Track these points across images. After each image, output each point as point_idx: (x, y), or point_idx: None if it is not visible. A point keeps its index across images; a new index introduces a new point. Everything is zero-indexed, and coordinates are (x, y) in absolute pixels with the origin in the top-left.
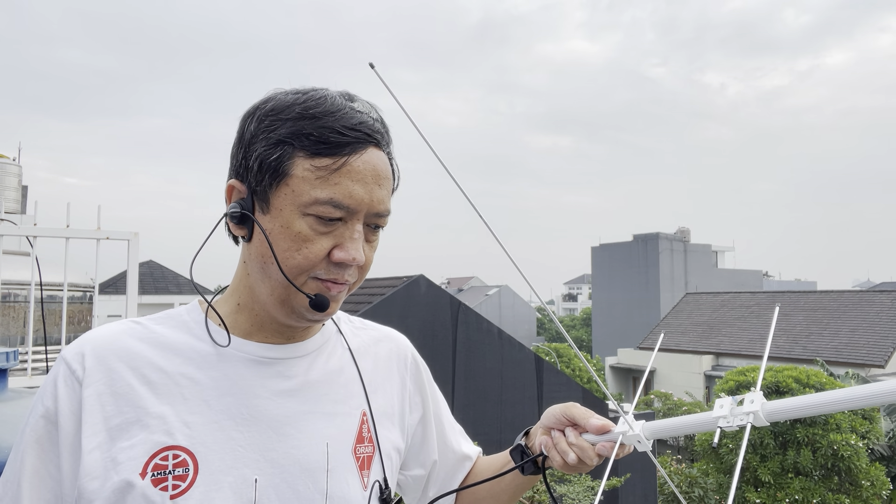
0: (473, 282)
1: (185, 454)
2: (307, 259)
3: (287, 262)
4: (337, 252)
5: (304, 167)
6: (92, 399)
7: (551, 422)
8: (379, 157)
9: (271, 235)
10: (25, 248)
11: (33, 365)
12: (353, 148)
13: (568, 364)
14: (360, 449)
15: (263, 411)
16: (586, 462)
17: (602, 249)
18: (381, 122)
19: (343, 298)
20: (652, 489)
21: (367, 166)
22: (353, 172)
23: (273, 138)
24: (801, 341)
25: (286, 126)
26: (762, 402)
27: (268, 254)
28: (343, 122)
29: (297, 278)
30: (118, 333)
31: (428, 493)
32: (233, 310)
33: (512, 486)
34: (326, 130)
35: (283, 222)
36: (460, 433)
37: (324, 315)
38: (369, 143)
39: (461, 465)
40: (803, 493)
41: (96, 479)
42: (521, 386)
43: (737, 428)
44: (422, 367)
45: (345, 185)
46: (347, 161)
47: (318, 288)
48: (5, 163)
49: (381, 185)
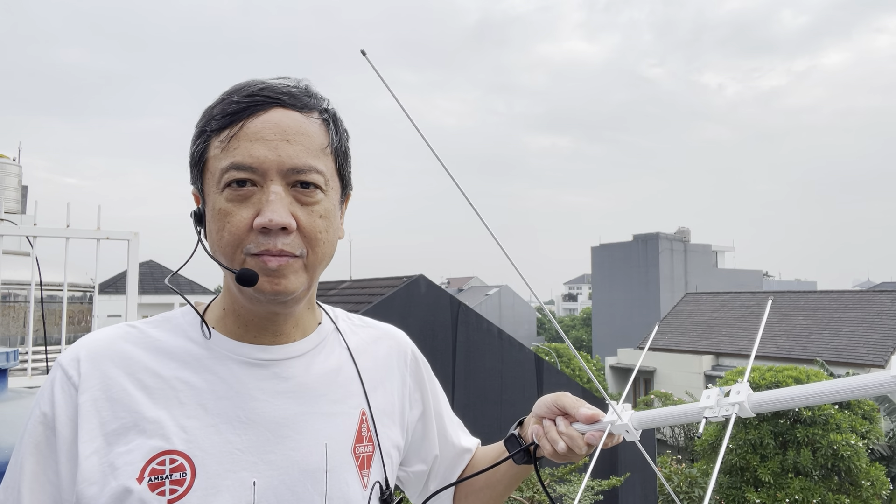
0: (473, 282)
1: (183, 458)
2: (231, 234)
3: (220, 244)
4: (257, 219)
5: (214, 146)
6: (88, 405)
7: (543, 411)
8: (285, 114)
9: (208, 224)
10: (25, 248)
11: (33, 365)
12: (250, 111)
13: (568, 364)
14: (360, 448)
15: (261, 413)
16: (575, 451)
17: (602, 249)
18: (298, 87)
19: (297, 273)
20: (652, 489)
21: (267, 124)
22: (250, 133)
23: (195, 133)
24: (801, 341)
25: (204, 118)
26: (748, 393)
27: (210, 243)
28: (244, 92)
29: (234, 258)
30: (113, 338)
31: (429, 486)
32: (222, 314)
33: (508, 476)
34: (227, 104)
35: (211, 205)
36: (459, 427)
37: (272, 293)
38: (270, 103)
39: (461, 458)
40: (803, 493)
41: (94, 485)
42: (521, 386)
43: (722, 419)
44: (422, 363)
45: (244, 147)
46: (244, 124)
47: (255, 264)
48: (5, 163)
49: (289, 140)
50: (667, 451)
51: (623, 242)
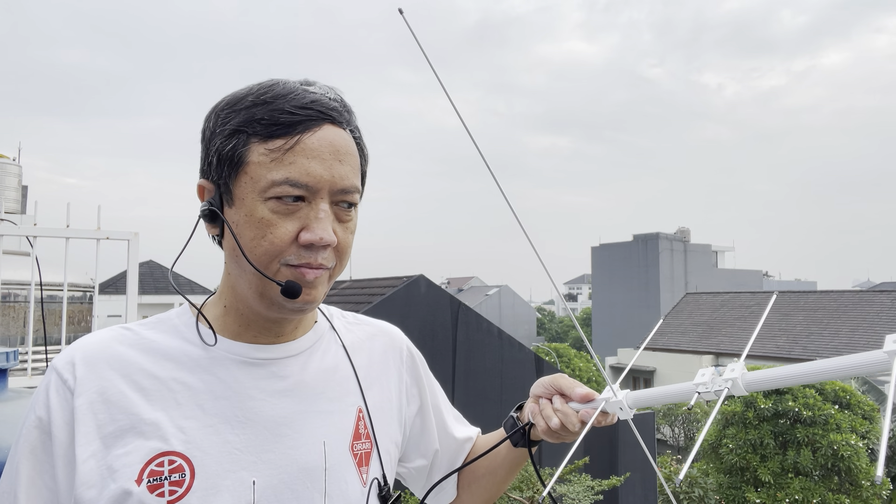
0: (473, 282)
1: (181, 459)
2: (273, 245)
3: (255, 251)
4: (304, 234)
5: (259, 152)
6: (84, 408)
7: (539, 391)
8: (337, 133)
9: (237, 227)
10: (25, 248)
11: (33, 365)
12: (305, 126)
13: (568, 364)
14: (358, 446)
15: (259, 413)
16: (569, 428)
17: (602, 249)
18: (339, 101)
19: (324, 284)
20: (652, 489)
21: (323, 143)
22: (307, 150)
23: (228, 130)
24: (801, 341)
25: (240, 116)
26: (742, 371)
27: (237, 246)
28: (294, 103)
29: (269, 266)
30: (108, 340)
31: (432, 480)
32: (221, 312)
33: (508, 460)
34: (277, 112)
35: (247, 211)
36: (459, 419)
37: (302, 303)
38: (324, 119)
39: (462, 449)
40: (803, 493)
41: (93, 488)
42: (521, 386)
43: (714, 396)
44: (417, 358)
45: (300, 164)
46: (301, 139)
47: (292, 275)
48: (5, 163)
49: (341, 160)
50: (667, 451)
51: (623, 242)
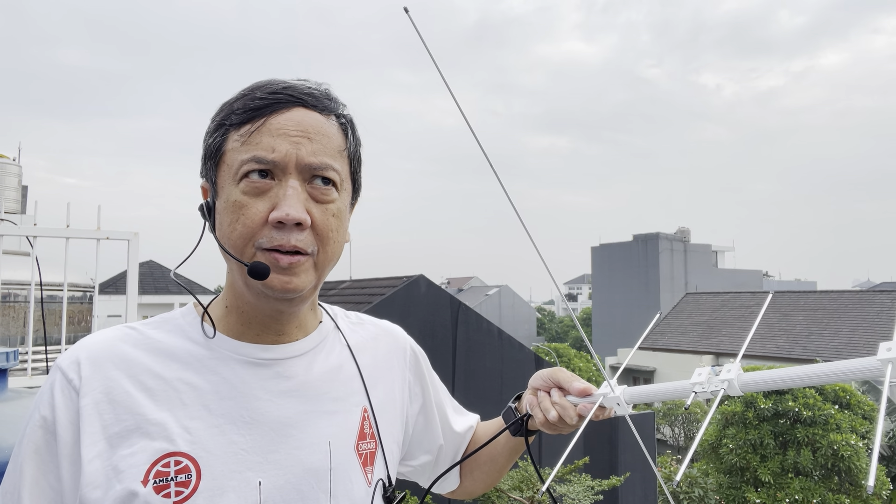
0: (473, 282)
1: (187, 460)
2: (245, 226)
3: (231, 236)
4: (273, 212)
5: (233, 139)
6: (90, 408)
7: (538, 383)
8: (308, 114)
9: (219, 216)
10: (25, 248)
11: (33, 365)
12: (273, 108)
13: (568, 364)
14: (363, 445)
15: (264, 413)
16: (566, 421)
17: (602, 249)
18: (319, 90)
19: (307, 272)
20: (652, 489)
21: (290, 121)
22: (273, 128)
23: (212, 127)
24: (801, 341)
25: (223, 112)
26: (739, 372)
27: (220, 235)
28: (267, 90)
29: (244, 251)
30: (113, 340)
31: (437, 471)
32: (224, 312)
33: (507, 448)
34: (250, 100)
35: (225, 197)
36: (458, 409)
37: (282, 291)
38: (294, 103)
39: (464, 440)
40: (803, 493)
41: (98, 489)
42: (522, 386)
43: (710, 396)
44: (420, 356)
45: (265, 142)
46: (267, 119)
47: (266, 259)
48: (5, 163)
49: (311, 138)
50: (667, 451)
51: (623, 242)
